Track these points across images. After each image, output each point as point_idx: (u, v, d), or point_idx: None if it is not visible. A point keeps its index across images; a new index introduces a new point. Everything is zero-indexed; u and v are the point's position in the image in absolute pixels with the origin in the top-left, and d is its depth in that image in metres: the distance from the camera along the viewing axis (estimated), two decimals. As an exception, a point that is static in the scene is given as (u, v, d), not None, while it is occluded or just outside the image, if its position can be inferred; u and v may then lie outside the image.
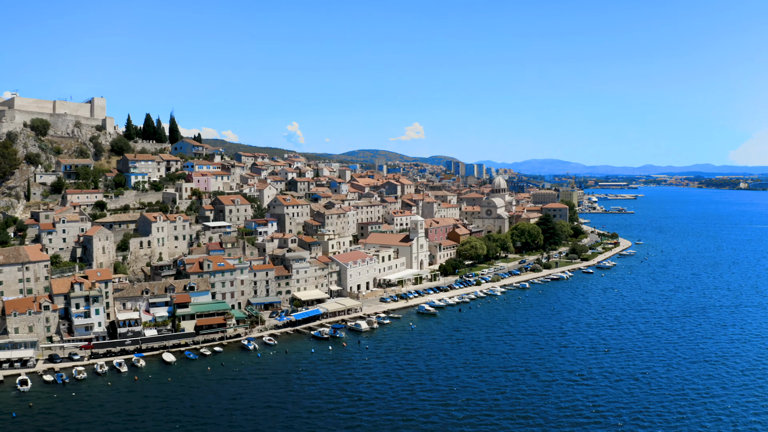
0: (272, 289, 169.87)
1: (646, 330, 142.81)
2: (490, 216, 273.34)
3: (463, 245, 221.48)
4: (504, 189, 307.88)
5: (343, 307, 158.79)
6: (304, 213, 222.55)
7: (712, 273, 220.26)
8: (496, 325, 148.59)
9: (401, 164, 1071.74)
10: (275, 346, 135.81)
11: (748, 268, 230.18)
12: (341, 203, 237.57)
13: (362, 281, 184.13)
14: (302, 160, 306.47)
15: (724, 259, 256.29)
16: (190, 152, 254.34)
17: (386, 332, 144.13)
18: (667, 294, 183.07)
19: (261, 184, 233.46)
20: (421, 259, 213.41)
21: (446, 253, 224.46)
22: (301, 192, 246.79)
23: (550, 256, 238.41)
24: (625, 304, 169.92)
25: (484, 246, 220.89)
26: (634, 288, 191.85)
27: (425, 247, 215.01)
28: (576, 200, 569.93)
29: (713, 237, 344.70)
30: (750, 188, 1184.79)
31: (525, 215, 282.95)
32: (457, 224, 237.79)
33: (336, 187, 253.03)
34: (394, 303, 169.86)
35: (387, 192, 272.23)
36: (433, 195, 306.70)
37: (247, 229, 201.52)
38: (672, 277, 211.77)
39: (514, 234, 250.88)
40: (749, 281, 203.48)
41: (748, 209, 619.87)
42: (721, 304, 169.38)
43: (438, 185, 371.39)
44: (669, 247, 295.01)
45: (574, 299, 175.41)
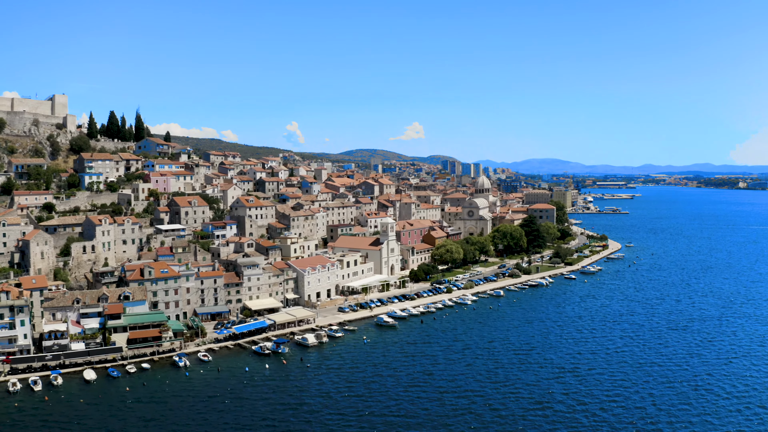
0: (221, 298, 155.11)
1: (621, 346, 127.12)
2: (472, 217, 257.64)
3: (438, 249, 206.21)
4: (488, 189, 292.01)
5: (293, 318, 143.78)
6: (269, 215, 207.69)
7: (703, 279, 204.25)
8: (458, 338, 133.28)
9: (398, 164, 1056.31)
10: (209, 363, 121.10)
11: (741, 274, 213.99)
12: (311, 204, 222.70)
13: (322, 289, 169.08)
14: (277, 159, 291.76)
15: (717, 263, 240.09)
16: (155, 151, 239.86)
17: (335, 347, 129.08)
18: (651, 303, 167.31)
19: (225, 185, 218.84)
20: (392, 264, 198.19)
21: (420, 257, 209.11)
22: (270, 193, 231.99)
23: (531, 260, 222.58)
24: (604, 314, 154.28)
25: (461, 250, 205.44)
26: (616, 296, 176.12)
27: (396, 251, 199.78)
28: (570, 200, 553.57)
29: (708, 239, 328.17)
30: (749, 188, 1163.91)
31: (510, 216, 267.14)
32: (434, 226, 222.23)
33: (307, 187, 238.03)
34: (353, 313, 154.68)
35: (364, 192, 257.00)
36: (416, 195, 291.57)
37: (204, 233, 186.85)
38: (659, 283, 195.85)
39: (496, 236, 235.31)
40: (741, 288, 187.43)
41: (747, 209, 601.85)
42: (709, 315, 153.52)
43: (423, 185, 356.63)
44: (660, 249, 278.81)
45: (549, 309, 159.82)
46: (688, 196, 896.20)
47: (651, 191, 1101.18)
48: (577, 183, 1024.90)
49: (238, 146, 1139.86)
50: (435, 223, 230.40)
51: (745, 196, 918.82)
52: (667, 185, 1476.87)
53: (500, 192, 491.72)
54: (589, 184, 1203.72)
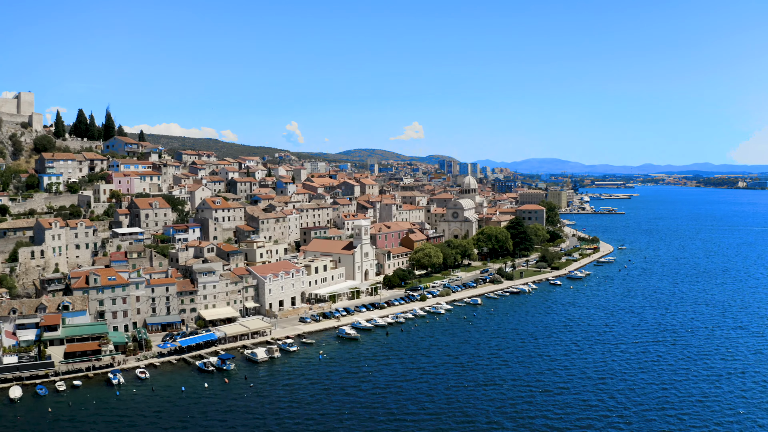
0: (174, 307, 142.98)
1: (601, 364, 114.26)
2: (457, 219, 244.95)
3: (416, 253, 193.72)
4: (474, 189, 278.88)
5: (246, 330, 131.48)
6: (237, 217, 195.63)
7: (696, 285, 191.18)
8: (422, 353, 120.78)
9: (395, 163, 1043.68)
10: (146, 380, 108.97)
11: (737, 279, 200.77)
12: (284, 206, 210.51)
13: (286, 297, 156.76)
14: (255, 158, 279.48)
15: (712, 266, 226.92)
16: (123, 150, 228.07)
17: (287, 363, 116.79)
18: (637, 312, 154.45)
19: (194, 185, 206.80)
20: (366, 269, 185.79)
21: (397, 261, 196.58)
22: (242, 194, 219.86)
23: (515, 264, 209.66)
24: (586, 325, 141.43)
25: (440, 254, 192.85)
26: (601, 304, 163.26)
27: (371, 256, 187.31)
28: (565, 200, 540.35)
29: (704, 240, 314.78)
30: (748, 187, 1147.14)
31: (497, 218, 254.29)
32: (413, 229, 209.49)
33: (282, 188, 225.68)
34: (315, 324, 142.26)
35: (343, 193, 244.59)
36: (400, 196, 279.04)
37: (164, 236, 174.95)
38: (649, 290, 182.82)
39: (480, 239, 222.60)
40: (736, 295, 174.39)
41: (745, 209, 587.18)
42: (700, 327, 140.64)
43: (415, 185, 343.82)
44: (654, 252, 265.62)
45: (526, 319, 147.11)
46: (687, 196, 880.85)
47: (649, 191, 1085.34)
48: (575, 183, 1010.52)
49: (236, 146, 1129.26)
50: (415, 225, 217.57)
51: (745, 195, 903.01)
52: (666, 185, 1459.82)
53: (493, 192, 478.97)
54: (587, 183, 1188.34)
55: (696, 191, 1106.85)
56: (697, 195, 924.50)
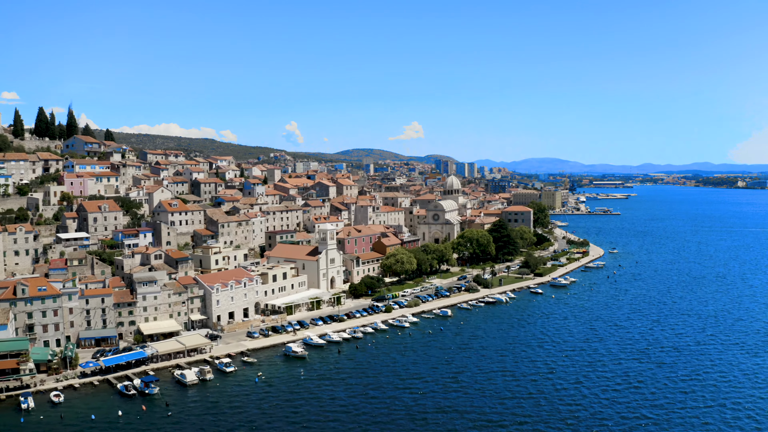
0: (111, 320, 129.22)
1: (571, 391, 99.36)
2: (437, 221, 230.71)
3: (387, 258, 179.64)
4: (458, 190, 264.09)
5: (181, 347, 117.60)
6: (196, 220, 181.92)
7: (689, 293, 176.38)
8: (373, 374, 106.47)
9: (392, 163, 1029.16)
10: (59, 405, 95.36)
11: (732, 286, 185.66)
12: (249, 208, 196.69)
13: (237, 308, 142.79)
14: (229, 159, 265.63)
15: (706, 272, 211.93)
16: (83, 150, 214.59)
17: (219, 386, 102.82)
18: (621, 325, 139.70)
19: (153, 187, 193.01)
20: (332, 277, 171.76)
21: (367, 268, 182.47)
22: (207, 195, 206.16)
23: (494, 270, 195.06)
24: (561, 342, 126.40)
25: (413, 260, 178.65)
26: (583, 316, 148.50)
27: (338, 262, 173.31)
28: (559, 200, 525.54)
29: (700, 243, 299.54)
30: (748, 187, 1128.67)
31: (481, 220, 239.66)
32: (386, 232, 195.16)
33: (250, 189, 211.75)
34: (263, 339, 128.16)
35: (318, 194, 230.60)
36: (381, 197, 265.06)
37: (113, 242, 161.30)
38: (637, 299, 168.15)
39: (460, 243, 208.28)
40: (730, 306, 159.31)
41: (744, 209, 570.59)
42: (689, 343, 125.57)
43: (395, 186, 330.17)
44: (646, 256, 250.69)
45: (497, 334, 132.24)
46: (685, 196, 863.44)
47: (648, 191, 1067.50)
48: (573, 182, 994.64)
49: (232, 146, 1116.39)
50: (389, 228, 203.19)
51: (744, 195, 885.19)
52: (665, 184, 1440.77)
53: (485, 192, 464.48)
54: (585, 183, 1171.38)
55: (695, 191, 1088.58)
56: (696, 195, 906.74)
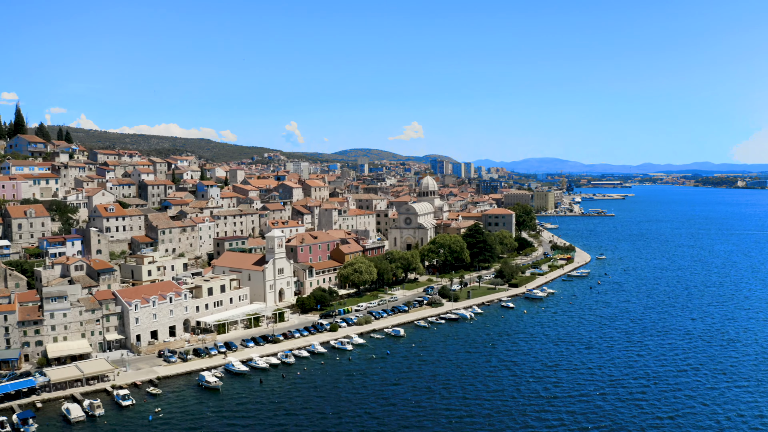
0: (15, 340, 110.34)
1: (512, 428, 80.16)
2: (410, 225, 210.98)
3: (344, 268, 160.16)
4: (434, 192, 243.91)
5: (79, 375, 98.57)
6: (136, 226, 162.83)
7: (677, 307, 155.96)
8: (291, 410, 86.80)
9: (387, 163, 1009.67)
10: None
11: (727, 300, 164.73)
12: (198, 212, 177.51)
13: (161, 326, 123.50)
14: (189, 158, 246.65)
15: (700, 281, 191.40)
16: (26, 150, 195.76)
17: (108, 424, 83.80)
18: (596, 347, 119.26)
19: (93, 190, 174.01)
20: (280, 289, 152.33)
21: (322, 278, 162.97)
22: (155, 198, 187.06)
23: (464, 280, 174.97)
24: (523, 368, 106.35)
25: (373, 269, 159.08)
26: (553, 335, 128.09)
27: (288, 272, 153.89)
28: (552, 202, 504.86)
29: (695, 248, 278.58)
30: (748, 186, 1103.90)
31: (457, 224, 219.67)
32: (347, 238, 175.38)
33: (203, 191, 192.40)
34: (180, 364, 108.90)
35: (281, 197, 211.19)
36: (355, 199, 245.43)
37: (38, 250, 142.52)
38: (619, 314, 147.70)
39: (431, 250, 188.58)
40: (723, 323, 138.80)
41: (743, 211, 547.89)
42: (670, 371, 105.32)
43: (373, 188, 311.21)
44: (636, 263, 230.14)
45: (448, 358, 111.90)
46: (684, 196, 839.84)
47: (646, 191, 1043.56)
48: (570, 182, 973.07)
49: (228, 146, 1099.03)
50: (350, 234, 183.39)
51: (744, 195, 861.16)
52: (664, 184, 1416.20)
53: (474, 194, 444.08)
54: (583, 183, 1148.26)
55: (694, 191, 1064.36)
56: (694, 195, 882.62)
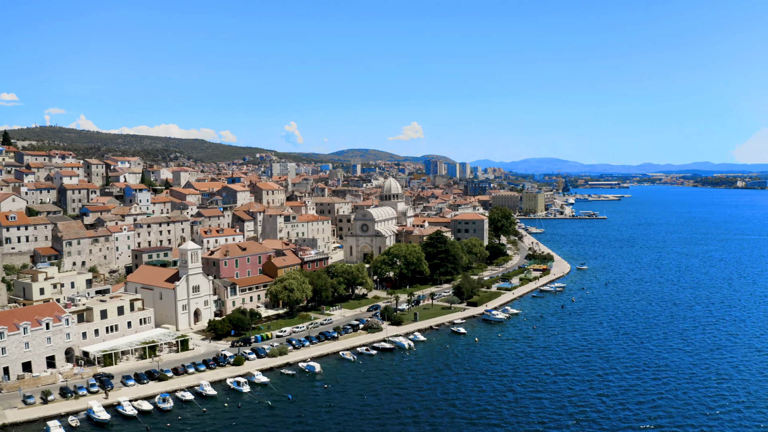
0: None
1: None
2: (366, 233, 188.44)
3: (274, 284, 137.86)
4: (397, 195, 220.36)
5: None
6: (42, 236, 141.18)
7: (651, 335, 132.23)
8: None
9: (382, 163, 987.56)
10: None
11: (718, 324, 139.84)
12: (120, 219, 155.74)
13: (36, 356, 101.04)
14: (133, 159, 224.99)
15: (689, 298, 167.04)
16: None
17: None
18: (550, 388, 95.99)
19: (2, 195, 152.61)
20: (197, 309, 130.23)
21: (248, 296, 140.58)
22: (76, 204, 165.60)
23: (413, 298, 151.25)
24: (452, 419, 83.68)
25: (307, 285, 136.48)
26: (501, 371, 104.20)
27: (206, 290, 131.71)
28: (542, 203, 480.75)
29: (689, 255, 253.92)
30: (748, 187, 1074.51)
31: (420, 231, 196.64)
32: (283, 250, 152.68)
33: (131, 195, 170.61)
34: (39, 407, 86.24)
35: (225, 201, 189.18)
36: (315, 203, 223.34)
37: None
38: (588, 342, 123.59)
39: (384, 261, 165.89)
40: (708, 358, 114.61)
41: (743, 213, 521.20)
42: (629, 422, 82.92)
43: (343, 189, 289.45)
44: (621, 274, 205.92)
45: (362, 406, 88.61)
46: (682, 197, 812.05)
47: (643, 191, 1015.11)
48: (567, 183, 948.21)
49: (222, 146, 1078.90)
50: (289, 244, 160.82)
51: (743, 196, 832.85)
52: (663, 184, 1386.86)
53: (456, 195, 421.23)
54: (580, 183, 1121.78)
55: (693, 191, 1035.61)
56: (693, 196, 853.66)
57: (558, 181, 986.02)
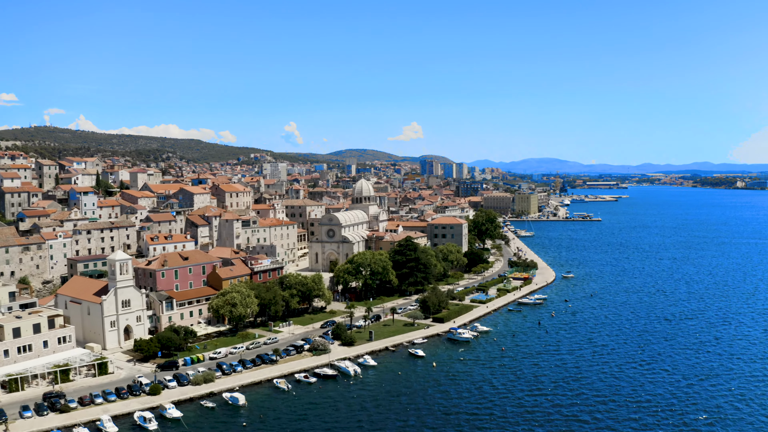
0: None
1: None
2: (333, 239, 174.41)
3: (217, 298, 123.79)
4: (369, 197, 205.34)
5: None
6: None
7: (633, 357, 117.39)
8: None
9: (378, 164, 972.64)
10: None
11: (703, 344, 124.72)
12: (58, 225, 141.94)
13: None
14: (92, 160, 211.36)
15: (675, 313, 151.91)
16: None
17: None
18: (510, 429, 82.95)
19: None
20: (127, 326, 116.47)
21: (188, 311, 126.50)
22: (16, 209, 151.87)
23: (372, 314, 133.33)
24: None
25: (252, 299, 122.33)
26: (440, 409, 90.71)
27: (137, 304, 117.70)
28: (535, 205, 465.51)
29: (684, 261, 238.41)
30: (747, 187, 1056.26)
31: (392, 237, 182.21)
32: (232, 259, 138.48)
33: (76, 199, 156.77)
34: None
35: (181, 204, 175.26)
36: (285, 206, 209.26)
37: None
38: (554, 372, 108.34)
39: (347, 271, 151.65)
40: (700, 391, 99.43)
41: (742, 214, 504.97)
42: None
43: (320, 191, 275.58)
44: (607, 284, 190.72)
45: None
46: (680, 198, 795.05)
47: (642, 192, 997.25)
48: (565, 183, 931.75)
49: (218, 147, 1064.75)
50: (238, 252, 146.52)
51: (743, 196, 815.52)
52: (662, 185, 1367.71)
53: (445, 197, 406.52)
54: (578, 184, 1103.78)
55: (692, 192, 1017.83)
56: (692, 196, 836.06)
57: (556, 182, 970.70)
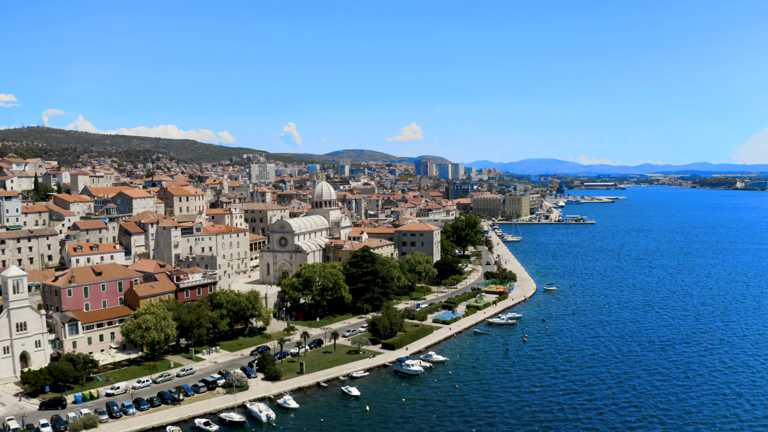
0: None
1: None
2: (285, 248, 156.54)
3: (129, 320, 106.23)
4: (330, 201, 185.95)
5: None
6: None
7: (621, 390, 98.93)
8: None
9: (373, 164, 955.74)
10: None
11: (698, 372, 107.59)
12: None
13: None
14: (36, 161, 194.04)
15: (666, 335, 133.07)
16: None
17: None
18: None
19: None
20: (23, 352, 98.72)
21: (97, 335, 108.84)
22: None
23: (304, 341, 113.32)
24: None
25: (169, 323, 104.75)
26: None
27: (37, 327, 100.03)
28: (527, 207, 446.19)
29: (676, 271, 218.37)
30: (747, 188, 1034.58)
31: (352, 245, 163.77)
32: (155, 274, 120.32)
33: None
34: None
35: (119, 209, 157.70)
36: (242, 209, 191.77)
37: None
38: (515, 412, 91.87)
39: (293, 286, 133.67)
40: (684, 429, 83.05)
41: (742, 216, 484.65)
42: None
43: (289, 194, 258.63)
44: (592, 298, 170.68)
45: None
46: (678, 199, 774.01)
47: (640, 193, 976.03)
48: (562, 184, 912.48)
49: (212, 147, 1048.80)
50: (164, 267, 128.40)
51: (743, 197, 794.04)
52: (660, 185, 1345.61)
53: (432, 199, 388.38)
54: (576, 184, 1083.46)
55: (691, 192, 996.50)
56: (690, 198, 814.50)
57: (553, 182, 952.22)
